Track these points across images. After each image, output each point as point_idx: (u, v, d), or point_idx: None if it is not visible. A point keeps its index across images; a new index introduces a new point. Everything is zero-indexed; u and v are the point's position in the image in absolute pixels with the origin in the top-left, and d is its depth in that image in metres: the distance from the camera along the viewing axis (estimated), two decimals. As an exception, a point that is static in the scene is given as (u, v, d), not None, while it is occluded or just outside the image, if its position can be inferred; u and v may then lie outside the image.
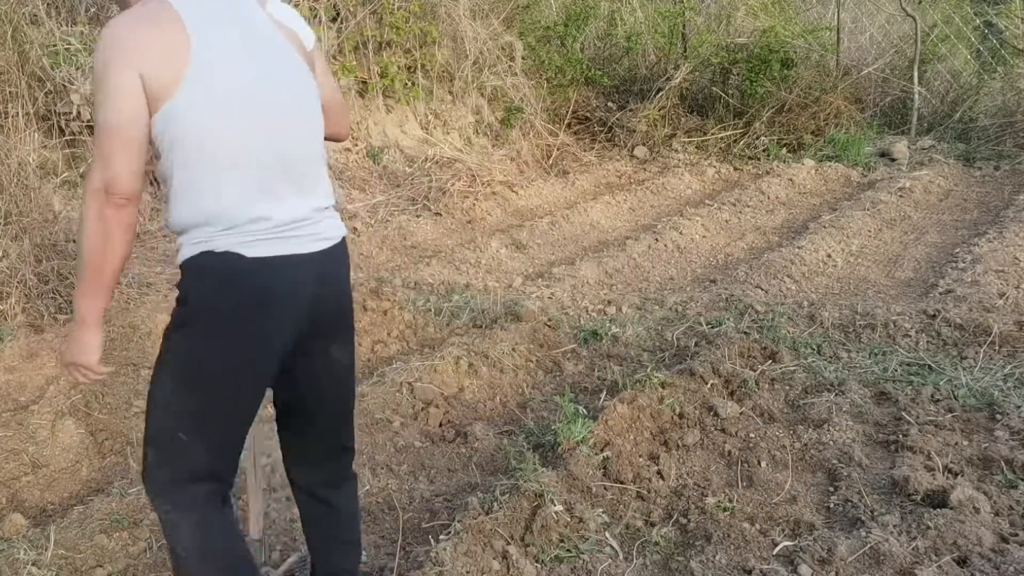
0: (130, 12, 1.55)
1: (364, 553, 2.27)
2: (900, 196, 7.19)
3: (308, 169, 1.70)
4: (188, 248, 1.61)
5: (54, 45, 5.37)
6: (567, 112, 9.01)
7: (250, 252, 1.59)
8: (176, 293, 1.68)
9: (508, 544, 2.38)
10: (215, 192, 1.57)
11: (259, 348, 1.66)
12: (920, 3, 10.23)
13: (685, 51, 9.59)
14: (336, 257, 1.75)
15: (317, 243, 1.69)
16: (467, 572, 2.26)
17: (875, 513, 2.56)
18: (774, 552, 2.42)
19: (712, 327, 4.17)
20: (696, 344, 4.03)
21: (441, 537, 2.47)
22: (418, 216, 6.55)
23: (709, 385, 3.47)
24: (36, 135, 5.15)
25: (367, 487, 2.93)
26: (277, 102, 1.63)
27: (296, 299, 1.66)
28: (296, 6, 6.60)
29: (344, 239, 1.78)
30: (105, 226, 1.54)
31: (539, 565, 2.34)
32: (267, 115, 1.61)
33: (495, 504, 2.58)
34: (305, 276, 1.66)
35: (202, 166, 1.56)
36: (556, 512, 2.51)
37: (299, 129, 1.68)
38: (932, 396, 3.33)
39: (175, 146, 1.54)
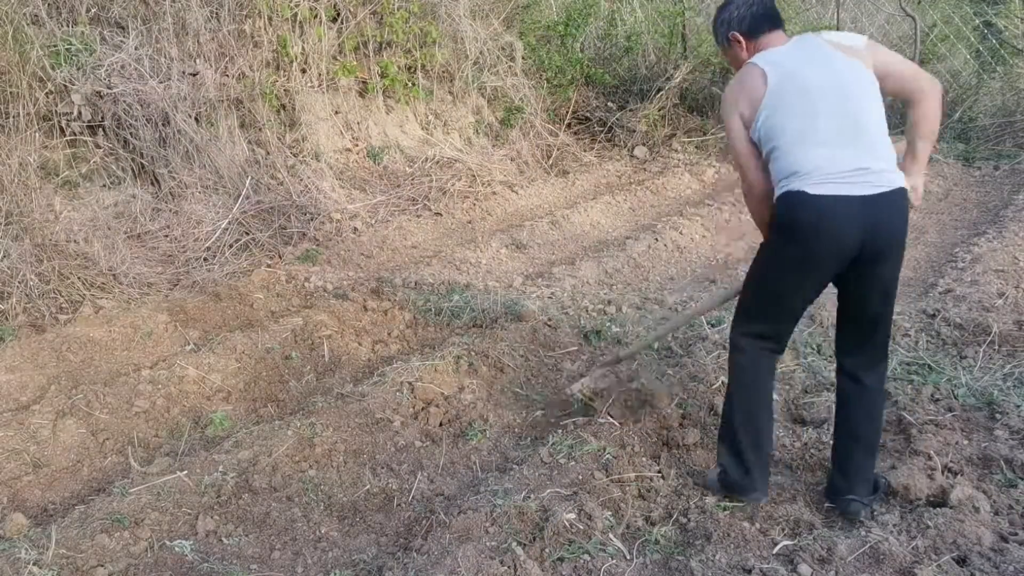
0: (735, 77, 2.55)
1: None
2: (900, 196, 7.19)
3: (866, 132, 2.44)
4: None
5: (55, 46, 5.38)
6: (567, 112, 9.01)
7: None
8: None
9: (513, 544, 2.39)
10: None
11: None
12: (919, 3, 10.24)
13: (685, 51, 9.59)
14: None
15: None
16: (470, 572, 2.26)
17: (875, 512, 2.57)
18: (774, 551, 2.42)
19: (712, 327, 4.17)
20: (696, 344, 4.03)
21: (442, 537, 2.47)
22: (418, 216, 6.56)
23: (709, 385, 3.47)
24: (37, 135, 5.15)
25: (368, 487, 2.93)
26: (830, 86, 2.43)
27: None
28: (296, 7, 6.61)
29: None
30: (759, 207, 2.57)
31: (543, 565, 2.35)
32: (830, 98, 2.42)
33: (500, 505, 2.59)
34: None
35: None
36: (567, 518, 2.52)
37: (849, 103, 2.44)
38: (932, 395, 3.33)
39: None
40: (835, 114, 2.38)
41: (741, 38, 2.58)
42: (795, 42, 2.52)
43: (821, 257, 2.39)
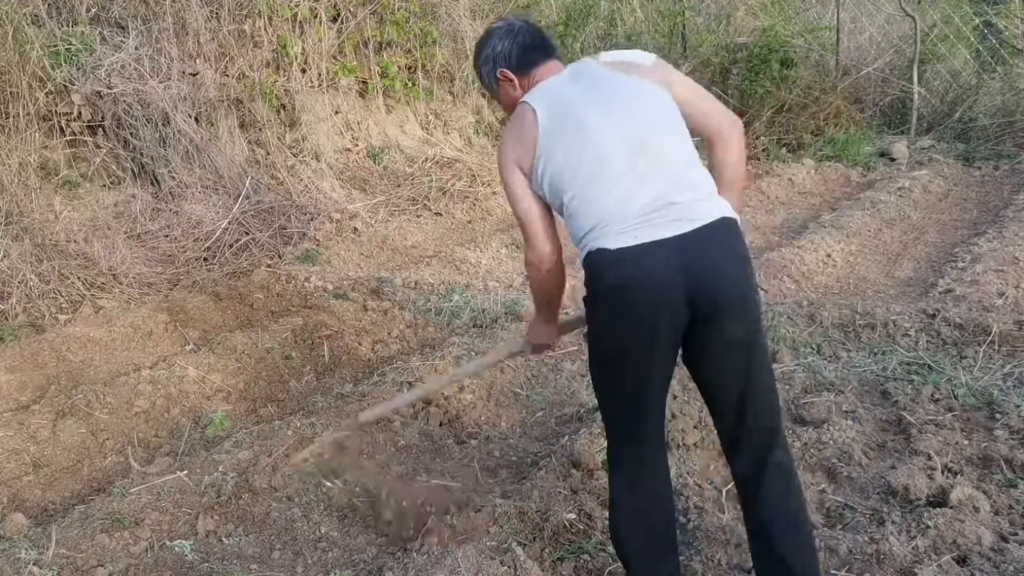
0: (508, 124, 2.11)
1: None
2: (900, 196, 7.19)
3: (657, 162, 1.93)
4: None
5: (55, 45, 5.38)
6: (567, 112, 9.01)
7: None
8: None
9: (513, 544, 2.39)
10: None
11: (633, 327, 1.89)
12: (919, 3, 10.22)
13: (685, 51, 9.60)
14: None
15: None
16: (470, 572, 2.26)
17: (875, 512, 2.57)
18: (774, 551, 2.42)
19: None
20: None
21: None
22: (418, 216, 6.56)
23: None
24: (37, 135, 5.16)
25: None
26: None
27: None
28: (296, 6, 6.61)
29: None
30: (549, 284, 2.16)
31: (543, 565, 2.35)
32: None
33: (500, 505, 2.59)
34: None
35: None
36: (567, 518, 2.52)
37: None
38: (932, 395, 3.33)
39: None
40: (625, 145, 1.90)
41: (512, 75, 2.15)
42: (569, 70, 2.09)
43: (647, 320, 1.83)
